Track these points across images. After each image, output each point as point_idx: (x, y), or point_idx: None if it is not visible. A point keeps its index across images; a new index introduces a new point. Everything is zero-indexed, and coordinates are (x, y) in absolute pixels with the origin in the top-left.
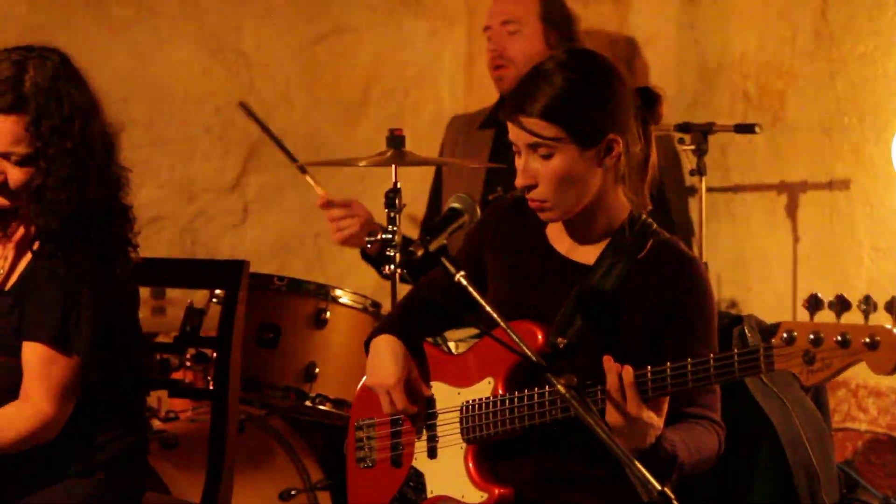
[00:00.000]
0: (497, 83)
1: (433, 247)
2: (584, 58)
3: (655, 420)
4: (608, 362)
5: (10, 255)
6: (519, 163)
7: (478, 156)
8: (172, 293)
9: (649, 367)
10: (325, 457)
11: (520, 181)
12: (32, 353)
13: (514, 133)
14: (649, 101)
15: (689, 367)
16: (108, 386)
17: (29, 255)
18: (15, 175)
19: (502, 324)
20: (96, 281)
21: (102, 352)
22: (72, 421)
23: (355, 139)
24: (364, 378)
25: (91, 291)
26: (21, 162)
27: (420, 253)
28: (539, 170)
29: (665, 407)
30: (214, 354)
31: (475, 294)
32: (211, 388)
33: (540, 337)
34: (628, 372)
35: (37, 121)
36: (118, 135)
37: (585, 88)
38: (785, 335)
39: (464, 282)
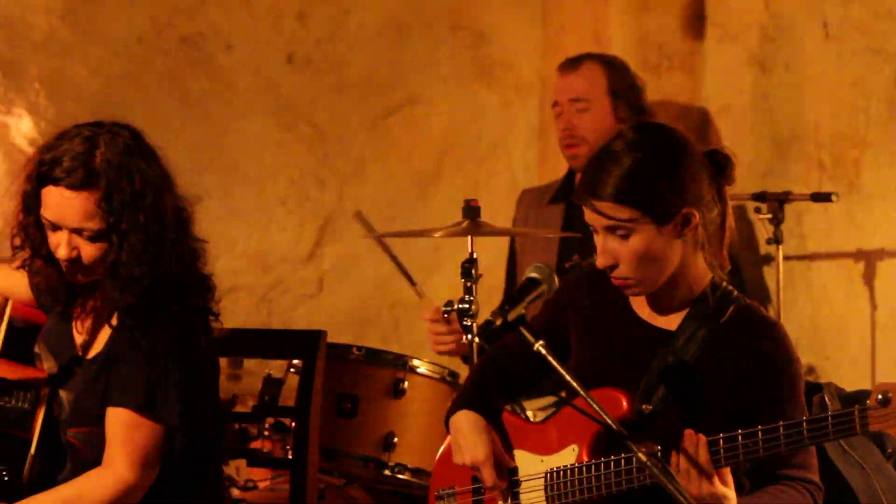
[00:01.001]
0: (570, 161)
1: (512, 316)
2: (652, 134)
3: (728, 491)
4: (688, 435)
5: (90, 324)
6: (598, 242)
7: (549, 230)
8: (250, 363)
9: (721, 435)
10: None
11: (601, 262)
12: (116, 419)
13: (589, 216)
14: (720, 164)
15: (781, 430)
16: (190, 455)
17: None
18: (88, 250)
19: (582, 393)
20: (180, 349)
21: (188, 420)
22: (150, 492)
23: (429, 210)
24: (443, 446)
25: (176, 360)
26: (94, 238)
27: (499, 322)
28: (618, 250)
29: (728, 477)
30: (293, 424)
31: (555, 363)
32: (290, 457)
33: (625, 404)
34: (703, 442)
35: (108, 196)
36: (192, 206)
37: (655, 166)
38: (880, 397)
39: (543, 351)
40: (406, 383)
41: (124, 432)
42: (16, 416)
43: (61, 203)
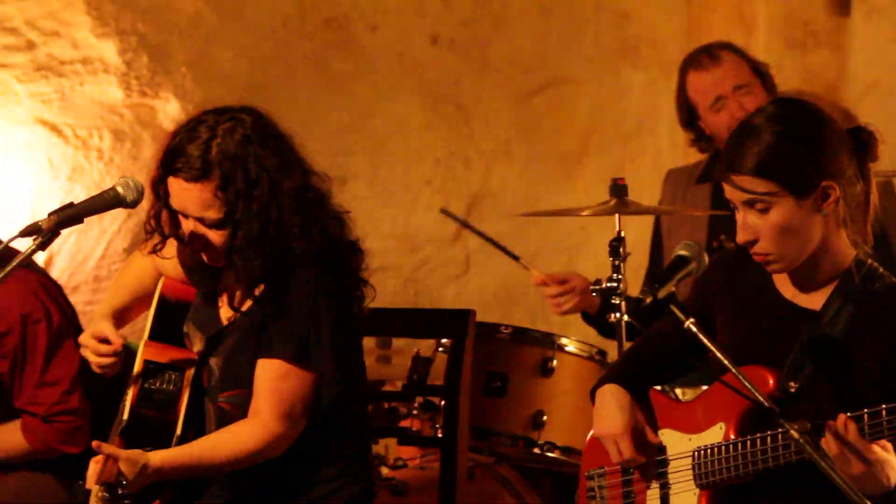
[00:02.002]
0: None
1: (662, 294)
2: (791, 108)
3: (888, 456)
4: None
5: (234, 300)
6: (738, 218)
7: (697, 209)
8: (398, 342)
9: (865, 410)
10: (553, 503)
11: (740, 237)
12: (266, 370)
13: (729, 191)
14: (863, 140)
15: None
16: (338, 411)
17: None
18: (212, 237)
19: (733, 369)
20: (332, 303)
21: (340, 371)
22: (297, 471)
23: (574, 189)
24: (592, 428)
25: (328, 313)
26: (214, 225)
27: (648, 300)
28: (758, 224)
29: (889, 446)
30: (442, 402)
31: (705, 340)
32: (439, 435)
33: (771, 381)
34: (851, 423)
35: (223, 187)
36: (329, 182)
37: (794, 139)
38: None
39: (694, 328)
40: (555, 361)
41: (273, 382)
42: (163, 399)
43: (181, 193)
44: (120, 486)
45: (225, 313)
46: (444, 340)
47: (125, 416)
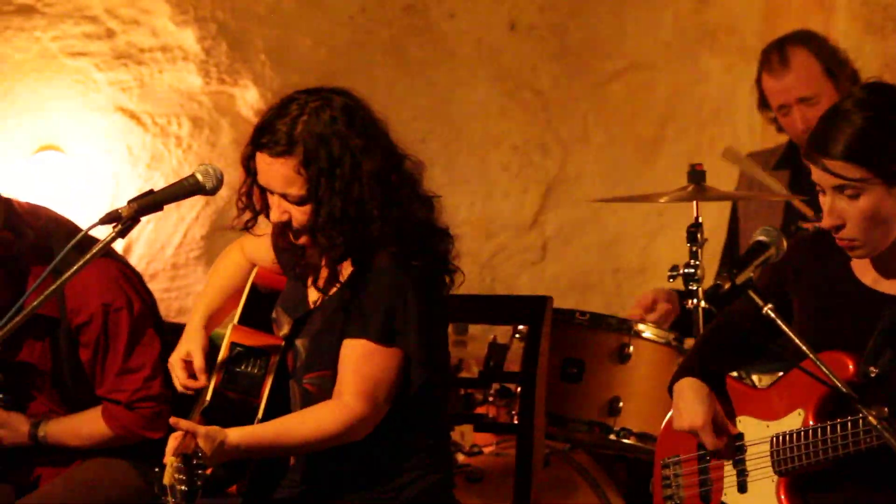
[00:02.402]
0: None
1: (740, 279)
2: (882, 93)
3: None
4: None
5: (323, 281)
6: (824, 203)
7: (774, 195)
8: (475, 329)
9: None
10: (629, 490)
11: (827, 222)
12: (351, 350)
13: (817, 175)
14: None
15: None
16: (422, 395)
17: (348, 272)
18: (296, 215)
19: (811, 355)
20: (421, 286)
21: (426, 353)
22: (378, 459)
23: (652, 175)
24: (668, 416)
25: (416, 295)
26: (298, 202)
27: (727, 286)
28: (846, 210)
29: None
30: (518, 389)
31: (783, 326)
32: (515, 422)
33: (850, 367)
34: None
35: (306, 164)
36: (419, 166)
37: (886, 126)
38: None
39: (772, 314)
40: (631, 348)
41: (357, 363)
42: (247, 382)
43: (266, 169)
44: (196, 458)
45: (312, 295)
46: (520, 327)
47: (208, 397)
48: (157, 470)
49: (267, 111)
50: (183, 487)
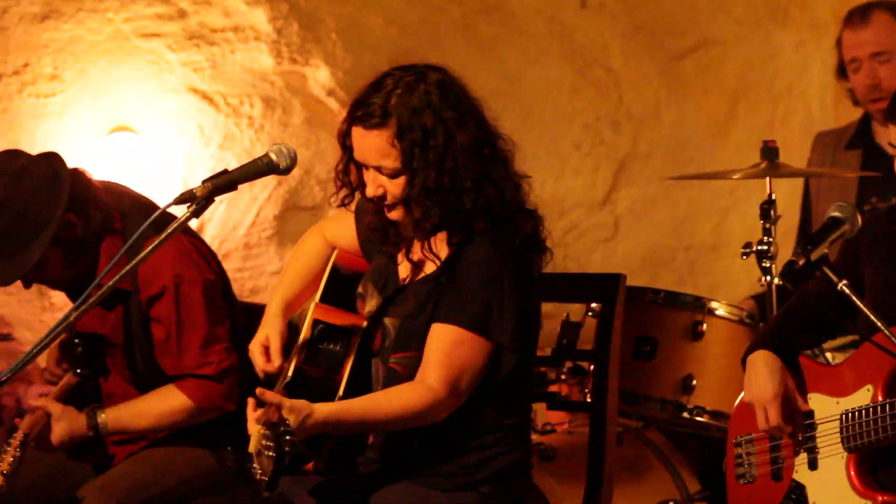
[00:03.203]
0: (876, 115)
1: (814, 256)
2: None
3: None
4: None
5: (415, 259)
6: None
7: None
8: (547, 307)
9: None
10: (702, 468)
11: None
12: (441, 335)
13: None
14: None
15: None
16: (511, 382)
17: (444, 252)
18: (391, 188)
19: (885, 329)
20: (516, 272)
21: (518, 343)
22: (457, 437)
23: (724, 152)
24: (741, 395)
25: (512, 282)
26: (393, 175)
27: (801, 262)
28: None
29: None
30: (591, 367)
31: (858, 301)
32: (589, 400)
33: None
34: None
35: (400, 135)
36: (512, 145)
37: None
38: None
39: (847, 290)
40: (705, 325)
41: (445, 348)
42: (329, 360)
43: (361, 143)
44: (283, 425)
45: (402, 272)
46: (593, 305)
47: (290, 374)
48: (229, 448)
49: (363, 87)
50: (270, 454)
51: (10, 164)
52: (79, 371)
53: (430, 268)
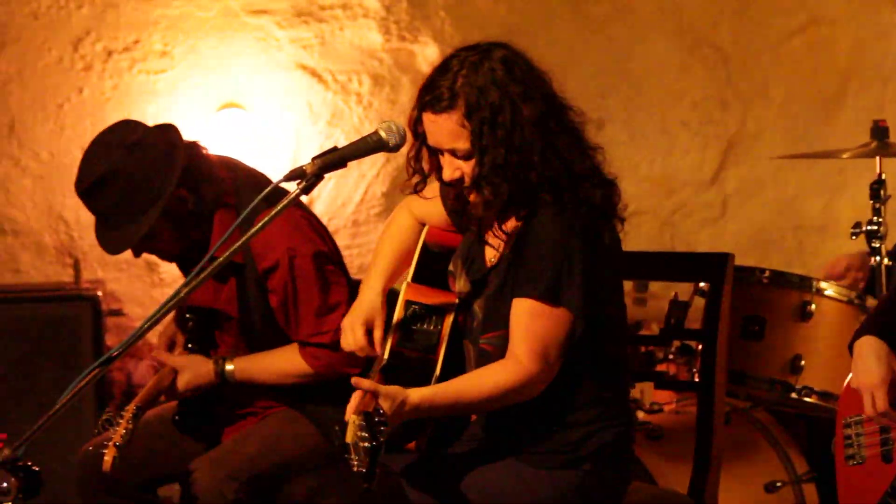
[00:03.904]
0: None
1: None
2: None
3: None
4: None
5: (498, 239)
6: None
7: None
8: (655, 286)
9: None
10: (809, 449)
11: None
12: (520, 310)
13: None
14: None
15: None
16: (591, 351)
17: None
18: (467, 170)
19: None
20: (583, 240)
21: (590, 310)
22: (554, 414)
23: (833, 131)
24: (849, 376)
25: (579, 250)
26: (467, 156)
27: None
28: None
29: None
30: (699, 347)
31: None
32: (696, 380)
33: None
34: None
35: (469, 115)
36: (583, 116)
37: None
38: None
39: None
40: (813, 306)
41: (527, 322)
42: (424, 340)
43: (432, 127)
44: (377, 415)
45: (489, 253)
46: (701, 284)
47: (386, 356)
48: (337, 428)
49: (430, 71)
50: (366, 444)
51: (128, 135)
52: (189, 346)
53: (506, 245)
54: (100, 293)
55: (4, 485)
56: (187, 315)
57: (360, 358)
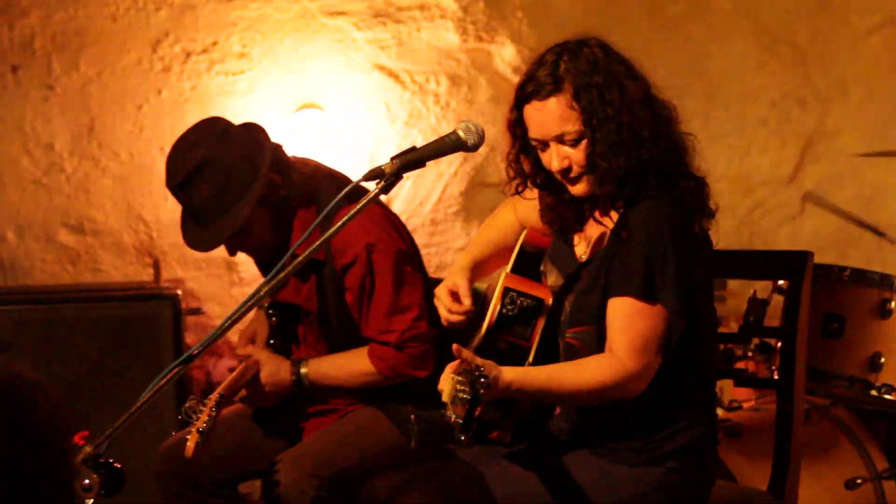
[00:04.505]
0: None
1: None
2: None
3: None
4: None
5: (588, 235)
6: None
7: None
8: (734, 284)
9: None
10: (890, 446)
11: None
12: (617, 308)
13: None
14: None
15: None
16: (686, 348)
17: (604, 225)
18: (576, 156)
19: None
20: (677, 236)
21: (685, 307)
22: (644, 409)
23: None
24: None
25: (673, 246)
26: (576, 140)
27: None
28: None
29: None
30: (779, 344)
31: None
32: (776, 377)
33: None
34: None
35: (577, 96)
36: (674, 107)
37: None
38: None
39: None
40: (893, 303)
41: (625, 320)
42: (519, 326)
43: (537, 116)
44: (477, 371)
45: (579, 250)
46: (780, 282)
47: (480, 340)
48: (412, 418)
49: (524, 72)
50: (465, 396)
51: (213, 127)
52: (272, 342)
53: (599, 245)
54: (179, 292)
55: (87, 482)
56: (270, 311)
57: (428, 360)
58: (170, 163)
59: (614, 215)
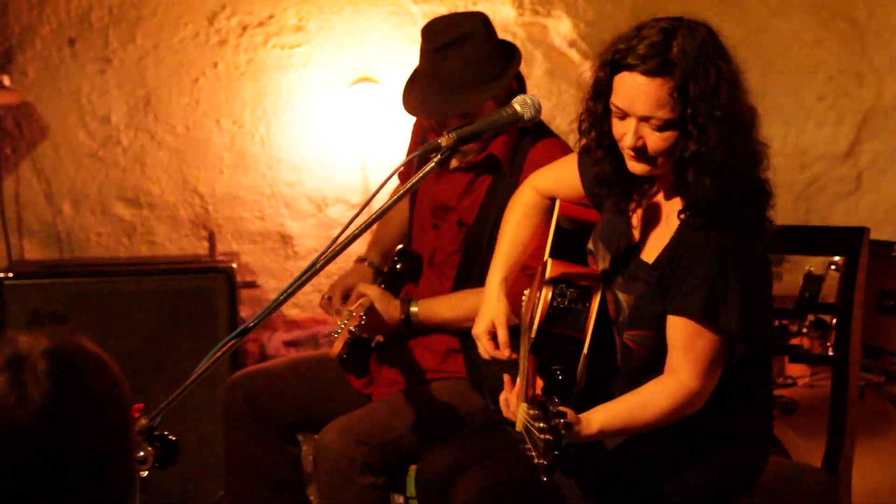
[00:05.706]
0: None
1: None
2: None
3: None
4: None
5: (650, 222)
6: None
7: None
8: (789, 260)
9: None
10: None
11: None
12: (678, 327)
13: None
14: None
15: None
16: (746, 363)
17: (673, 228)
18: (654, 140)
19: None
20: (742, 257)
21: (748, 328)
22: (705, 426)
23: None
24: None
25: (738, 268)
26: (662, 127)
27: None
28: None
29: None
30: (834, 321)
31: None
32: (831, 354)
33: None
34: None
35: (682, 86)
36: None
37: None
38: None
39: None
40: None
41: (687, 340)
42: (571, 317)
43: (633, 89)
44: (552, 403)
45: (636, 233)
46: (836, 258)
47: (533, 334)
48: (488, 399)
49: (626, 34)
50: (544, 436)
51: (481, 17)
52: (382, 286)
53: (662, 240)
54: (234, 265)
55: (141, 454)
56: (395, 258)
57: None
58: (432, 27)
59: (672, 214)
